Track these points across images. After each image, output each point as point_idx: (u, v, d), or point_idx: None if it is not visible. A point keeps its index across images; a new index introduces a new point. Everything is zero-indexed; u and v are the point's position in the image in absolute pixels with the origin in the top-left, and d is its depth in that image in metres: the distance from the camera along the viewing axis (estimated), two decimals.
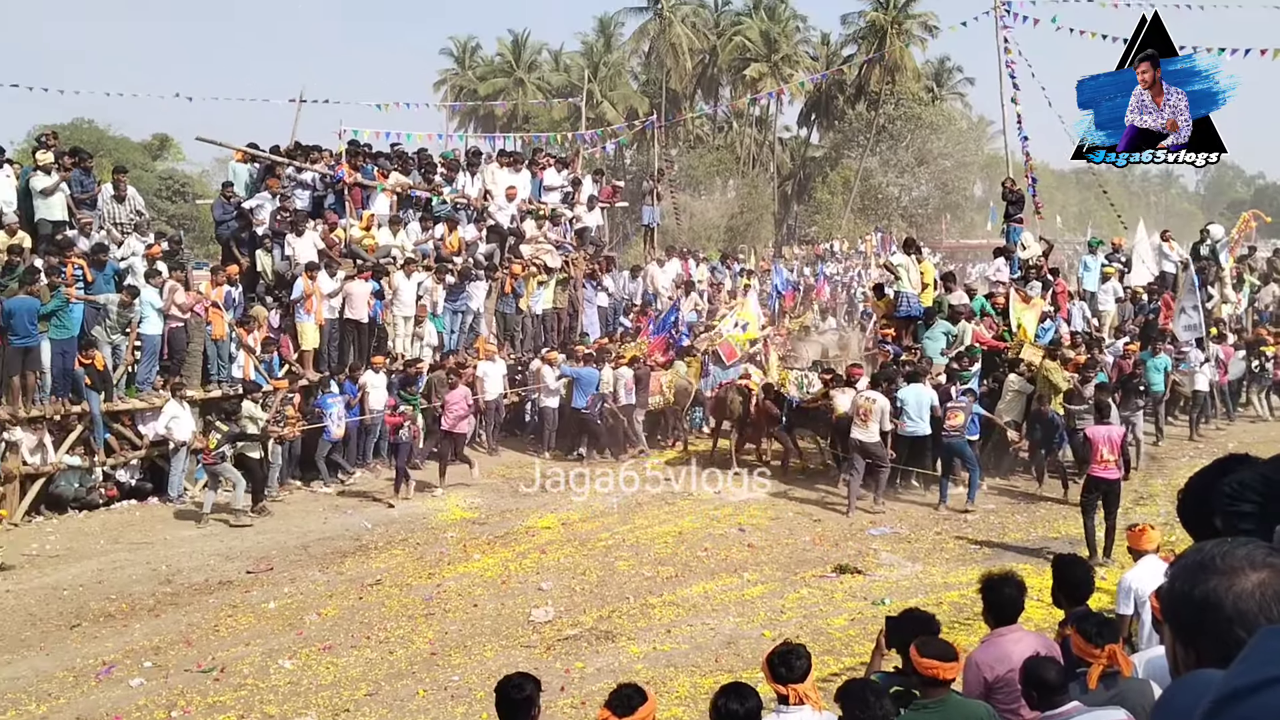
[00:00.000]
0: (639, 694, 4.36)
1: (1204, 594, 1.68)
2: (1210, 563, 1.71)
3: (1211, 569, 1.70)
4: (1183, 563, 1.80)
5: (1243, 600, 1.64)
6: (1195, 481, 2.53)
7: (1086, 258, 21.50)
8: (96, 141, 40.41)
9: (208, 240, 33.79)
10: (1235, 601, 1.64)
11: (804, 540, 12.99)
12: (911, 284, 16.86)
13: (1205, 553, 1.75)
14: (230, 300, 16.22)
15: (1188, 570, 1.75)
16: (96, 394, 14.44)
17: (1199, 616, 1.69)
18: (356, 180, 18.70)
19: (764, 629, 9.82)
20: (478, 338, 19.28)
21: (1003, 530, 13.18)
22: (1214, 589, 1.67)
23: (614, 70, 61.28)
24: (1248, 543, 1.77)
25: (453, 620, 10.44)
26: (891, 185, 55.47)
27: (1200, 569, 1.72)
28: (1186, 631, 1.75)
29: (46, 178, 15.33)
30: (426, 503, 15.24)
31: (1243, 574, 1.66)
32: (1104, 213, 63.36)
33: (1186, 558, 1.81)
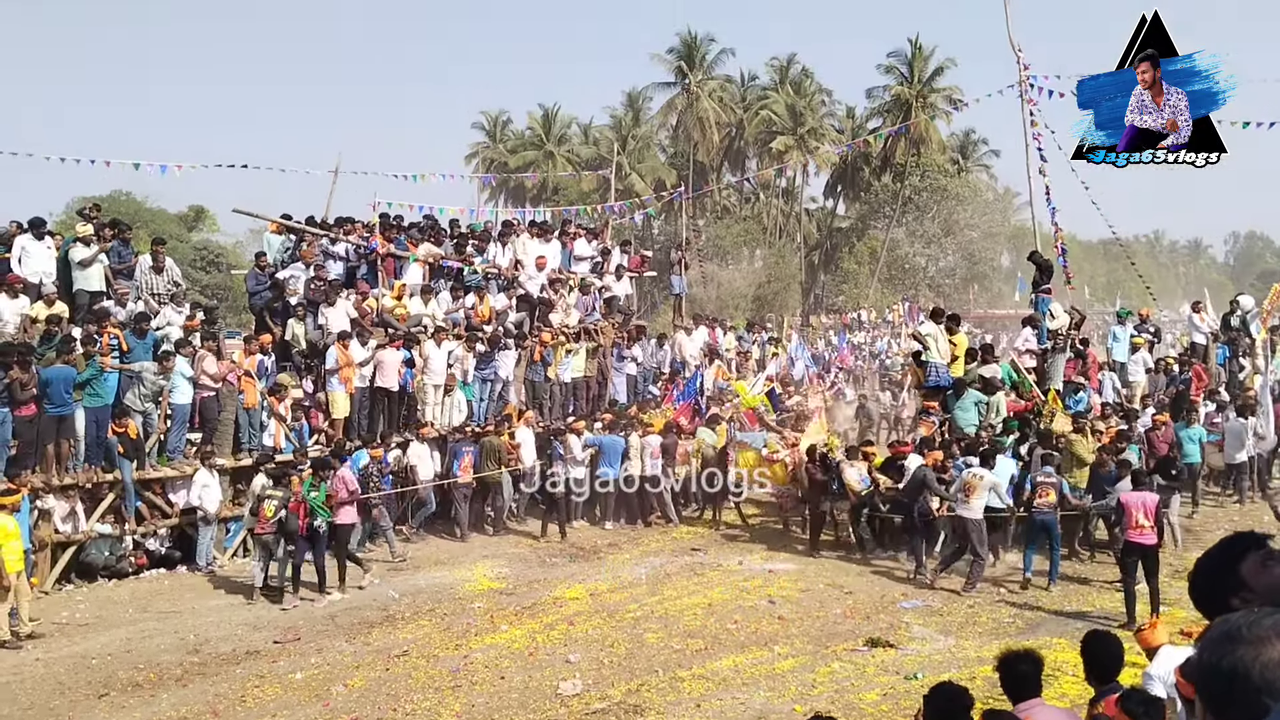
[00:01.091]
0: None
1: (1231, 664, 1.69)
2: (1237, 633, 1.73)
3: (1239, 639, 1.71)
4: (1211, 634, 1.83)
5: (1270, 670, 1.65)
6: (1204, 563, 2.55)
7: (1115, 328, 21.40)
8: (134, 213, 41.31)
9: (240, 309, 34.28)
10: (1263, 671, 1.65)
11: (835, 613, 12.81)
12: (940, 354, 16.80)
13: (1232, 623, 1.77)
14: (263, 369, 16.42)
15: (1215, 641, 1.77)
16: (129, 462, 14.57)
17: (1228, 687, 1.69)
18: (390, 251, 18.99)
19: (795, 704, 9.65)
20: (507, 405, 19.34)
21: (1036, 603, 12.96)
22: (1241, 659, 1.68)
23: (642, 143, 62.19)
24: (1274, 613, 1.78)
25: (480, 693, 10.33)
26: (918, 255, 55.66)
27: (1227, 639, 1.74)
28: (1216, 703, 1.74)
29: (85, 249, 15.65)
30: (454, 572, 15.17)
31: (1269, 644, 1.68)
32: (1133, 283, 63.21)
33: (1215, 629, 1.83)
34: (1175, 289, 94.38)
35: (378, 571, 14.96)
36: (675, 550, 16.30)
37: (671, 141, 64.62)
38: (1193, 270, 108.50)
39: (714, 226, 59.55)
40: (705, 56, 60.95)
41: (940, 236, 54.94)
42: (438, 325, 18.67)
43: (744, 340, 26.99)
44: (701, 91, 60.00)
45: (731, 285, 52.86)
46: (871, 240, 57.35)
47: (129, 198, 46.09)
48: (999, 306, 56.92)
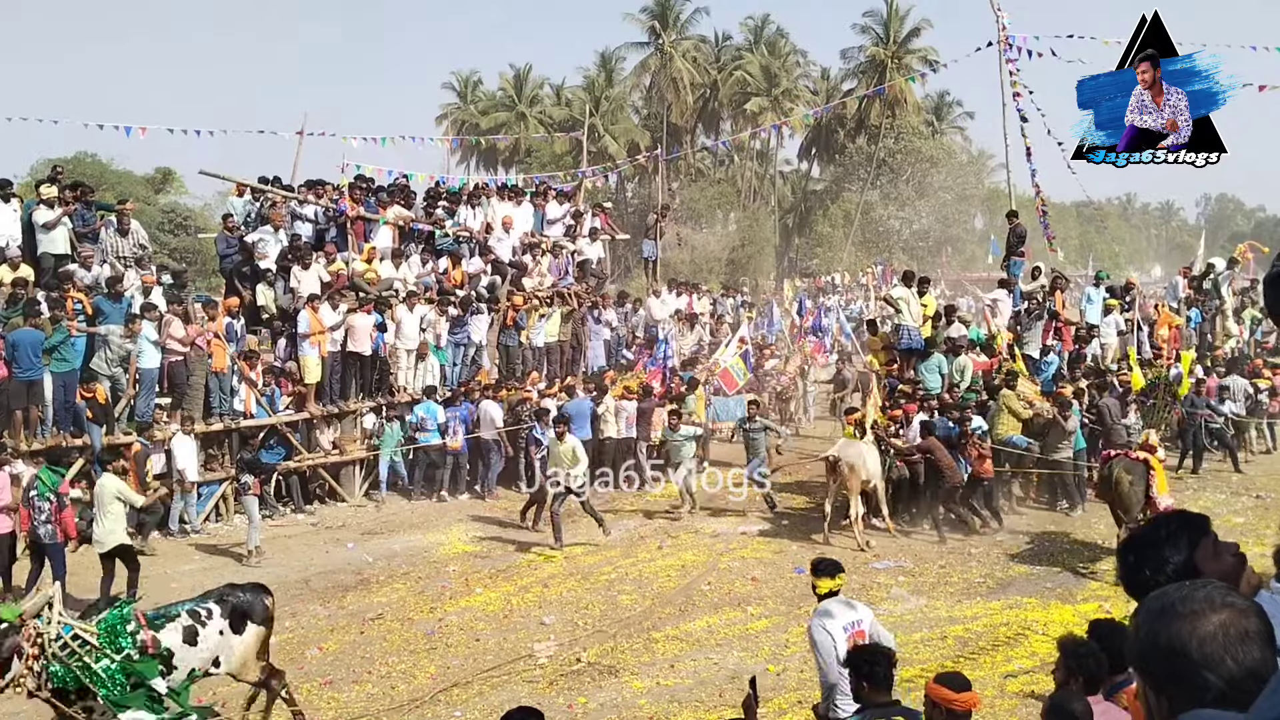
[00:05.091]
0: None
1: (1169, 640, 1.66)
2: (1171, 608, 1.70)
3: (1173, 614, 1.68)
4: (1145, 610, 1.78)
5: (1207, 643, 1.63)
6: (1141, 545, 2.53)
7: (1090, 290, 21.53)
8: (99, 175, 40.56)
9: (210, 273, 33.88)
10: (1200, 645, 1.63)
11: (807, 574, 12.87)
12: (912, 317, 16.87)
13: (1167, 598, 1.74)
14: (232, 332, 16.23)
15: (1150, 617, 1.74)
16: (98, 427, 14.41)
17: (1167, 664, 1.67)
18: (359, 214, 18.77)
19: (768, 664, 9.73)
20: (480, 369, 19.27)
21: (1007, 564, 13.09)
22: (1178, 633, 1.65)
23: (615, 105, 61.63)
24: (1206, 584, 1.76)
25: (454, 655, 10.37)
26: (892, 218, 55.69)
27: (1162, 615, 1.71)
28: (1157, 681, 1.71)
29: (49, 211, 15.40)
30: (429, 536, 15.17)
31: (1204, 616, 1.65)
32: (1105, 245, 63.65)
33: (1148, 604, 1.78)
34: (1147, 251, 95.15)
35: (349, 536, 14.96)
36: (649, 513, 16.35)
37: (645, 103, 64.11)
38: (1165, 232, 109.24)
39: (688, 190, 59.30)
40: (679, 16, 60.39)
41: (914, 199, 54.98)
42: (409, 289, 18.52)
43: (717, 304, 26.95)
44: (675, 52, 59.50)
45: (706, 249, 52.70)
46: (846, 203, 57.23)
47: (94, 159, 45.23)
48: (972, 269, 57.09)
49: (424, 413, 17.39)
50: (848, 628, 6.17)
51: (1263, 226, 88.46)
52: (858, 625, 6.23)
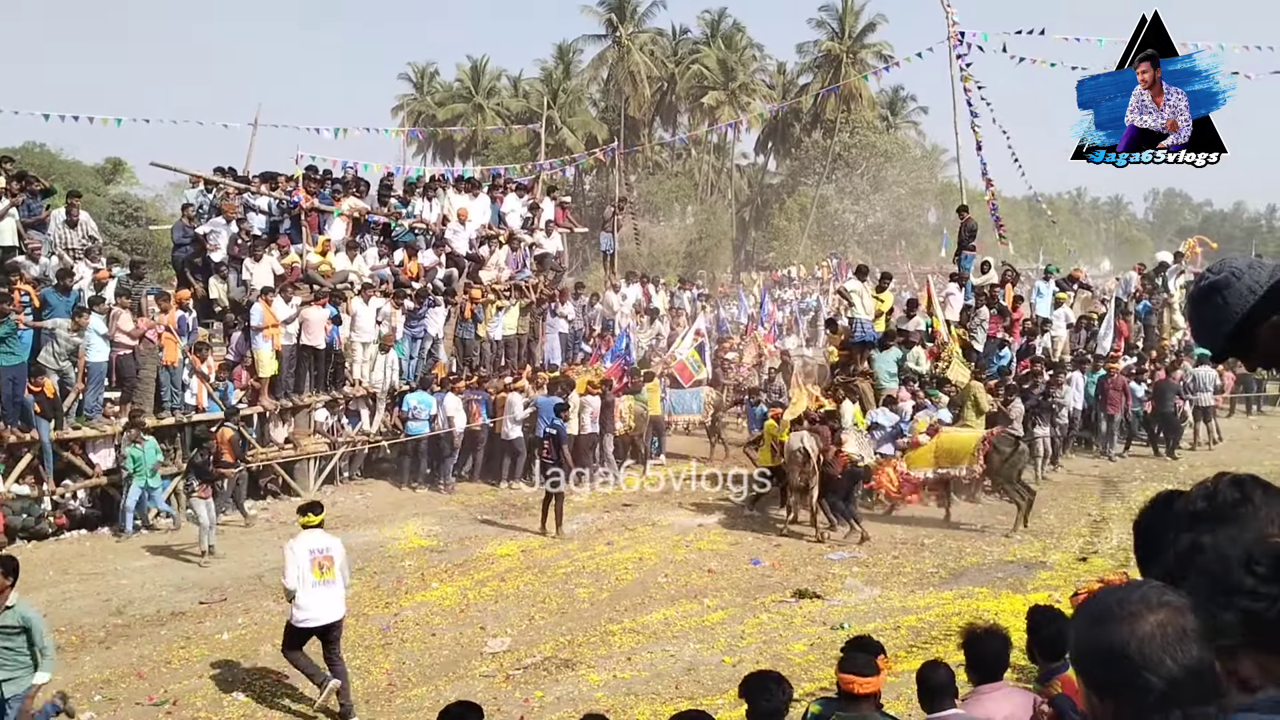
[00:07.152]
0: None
1: (1108, 644, 1.65)
2: (1108, 611, 1.68)
3: (1110, 617, 1.67)
4: (1083, 614, 1.77)
5: (1146, 644, 1.61)
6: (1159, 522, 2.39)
7: (1040, 284, 21.84)
8: (48, 165, 39.75)
9: (161, 265, 33.33)
10: (1139, 646, 1.61)
11: (764, 565, 13.01)
12: (865, 310, 17.03)
13: (1103, 601, 1.72)
14: (184, 325, 16.02)
15: (1088, 621, 1.73)
16: (46, 422, 14.17)
17: (1107, 668, 1.66)
18: (313, 205, 18.59)
19: (724, 655, 9.81)
20: (436, 363, 19.17)
21: (959, 554, 13.28)
22: (1116, 637, 1.64)
23: (573, 97, 61.42)
24: (1143, 584, 1.76)
25: (410, 650, 10.34)
26: (847, 212, 56.03)
27: (1100, 619, 1.69)
28: (1099, 685, 1.70)
29: None
30: (384, 531, 15.08)
31: (1141, 617, 1.64)
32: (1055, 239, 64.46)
33: (1086, 608, 1.77)
34: (1096, 244, 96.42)
35: None
36: (606, 506, 16.38)
37: (603, 95, 63.97)
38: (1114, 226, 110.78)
39: (645, 182, 59.28)
40: (636, 9, 60.29)
41: (869, 193, 55.35)
42: (364, 282, 18.37)
43: (675, 297, 26.99)
44: (632, 45, 59.42)
45: (663, 242, 52.76)
46: (802, 197, 57.49)
47: (43, 149, 44.35)
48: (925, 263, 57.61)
49: (416, 401, 17.32)
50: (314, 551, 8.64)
51: (1210, 221, 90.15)
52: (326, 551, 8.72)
